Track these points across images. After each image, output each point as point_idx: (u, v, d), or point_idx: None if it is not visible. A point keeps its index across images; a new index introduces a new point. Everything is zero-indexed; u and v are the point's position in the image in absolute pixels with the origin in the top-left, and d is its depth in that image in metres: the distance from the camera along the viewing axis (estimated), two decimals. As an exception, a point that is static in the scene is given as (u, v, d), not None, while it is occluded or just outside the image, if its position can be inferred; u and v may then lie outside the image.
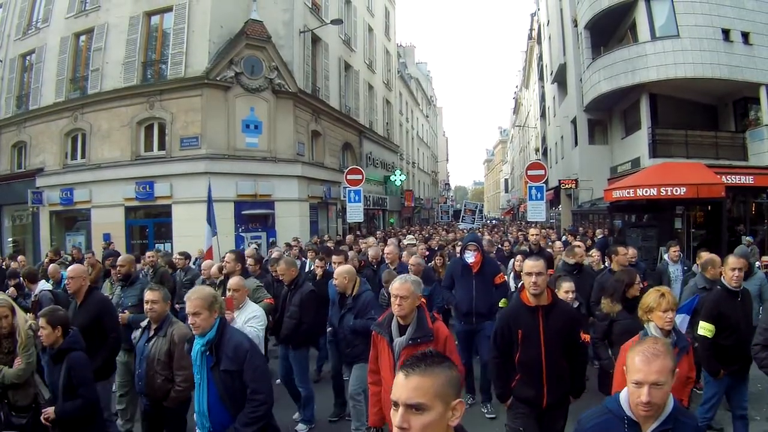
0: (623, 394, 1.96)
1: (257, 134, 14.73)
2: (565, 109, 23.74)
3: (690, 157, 14.12)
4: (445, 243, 11.24)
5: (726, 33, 13.93)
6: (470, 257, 5.46)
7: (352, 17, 22.24)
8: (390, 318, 3.24)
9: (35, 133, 16.65)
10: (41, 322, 3.39)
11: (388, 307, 4.78)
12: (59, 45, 16.14)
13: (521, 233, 15.41)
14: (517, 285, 6.17)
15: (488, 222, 34.32)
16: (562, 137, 25.35)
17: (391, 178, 27.13)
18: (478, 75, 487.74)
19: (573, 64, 20.84)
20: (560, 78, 24.37)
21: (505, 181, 68.34)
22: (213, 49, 13.99)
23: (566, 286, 4.37)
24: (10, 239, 17.97)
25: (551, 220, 27.13)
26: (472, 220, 18.48)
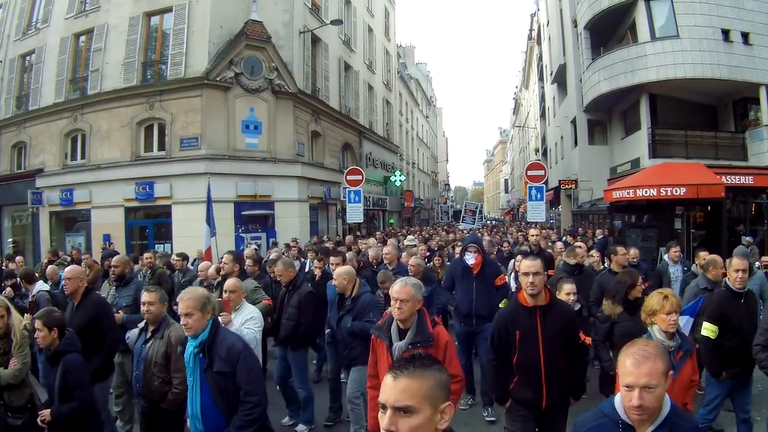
0: (618, 398, 1.92)
1: (257, 135, 14.73)
2: (565, 110, 23.75)
3: (690, 158, 14.13)
4: (444, 243, 11.23)
5: (726, 33, 13.93)
6: (470, 259, 5.43)
7: (351, 18, 22.24)
8: (390, 321, 3.18)
9: (35, 134, 16.65)
10: (37, 324, 3.37)
11: (384, 308, 4.81)
12: (59, 45, 16.14)
13: (521, 234, 15.40)
14: (518, 285, 6.15)
15: (488, 222, 34.31)
16: (561, 137, 25.35)
17: (391, 178, 27.13)
18: (477, 75, 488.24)
19: (573, 64, 20.85)
20: (560, 78, 24.38)
21: (505, 181, 68.33)
22: (213, 49, 13.98)
23: (567, 288, 4.33)
24: (9, 240, 17.96)
25: (551, 221, 27.12)
26: (473, 220, 18.46)
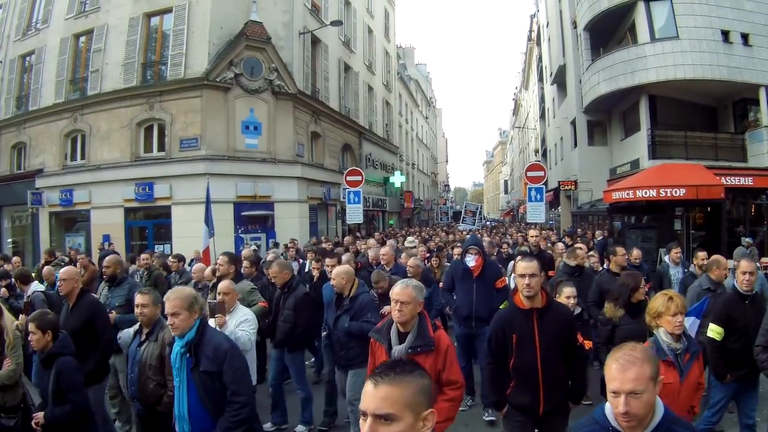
0: (608, 405, 1.86)
1: (257, 135, 14.73)
2: (565, 111, 23.76)
3: (689, 159, 14.14)
4: (443, 244, 11.22)
5: (725, 34, 13.95)
6: (471, 261, 5.39)
7: (351, 19, 22.25)
8: (389, 324, 3.09)
9: (35, 134, 16.64)
10: (31, 327, 3.34)
11: (378, 308, 4.78)
12: (59, 46, 16.14)
13: (520, 235, 15.39)
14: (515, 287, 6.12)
15: (487, 223, 34.27)
16: (561, 138, 25.36)
17: (390, 179, 27.14)
18: (477, 76, 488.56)
19: (572, 65, 20.86)
20: (560, 79, 24.39)
21: (505, 182, 68.36)
22: (213, 50, 13.99)
23: (568, 291, 4.24)
24: (9, 240, 17.94)
25: (551, 222, 27.12)
26: (473, 221, 18.35)
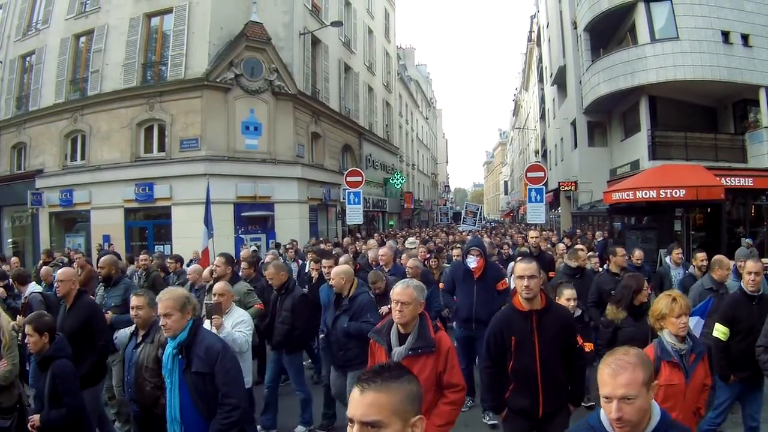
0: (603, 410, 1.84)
1: (257, 136, 14.73)
2: (565, 111, 23.77)
3: (689, 159, 14.14)
4: (443, 245, 11.21)
5: (725, 35, 13.95)
6: (472, 262, 5.35)
7: (351, 19, 22.26)
8: (389, 325, 3.03)
9: (35, 135, 16.64)
10: (28, 329, 3.33)
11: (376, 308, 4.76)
12: (59, 46, 16.15)
13: (519, 235, 15.36)
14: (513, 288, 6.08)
15: (487, 224, 34.25)
16: (561, 139, 25.36)
17: (390, 180, 27.15)
18: (477, 77, 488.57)
19: (572, 66, 20.86)
20: (560, 80, 24.39)
21: (505, 183, 68.38)
22: (213, 50, 13.99)
23: (568, 293, 4.20)
24: (9, 240, 17.95)
25: (550, 222, 27.11)
26: (473, 222, 18.27)
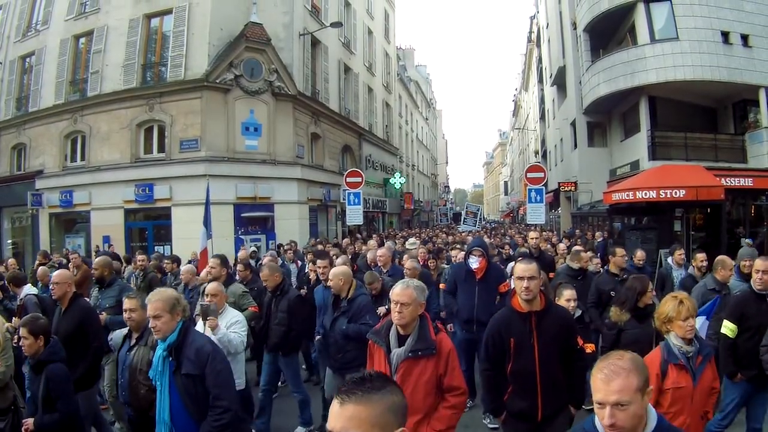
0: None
1: (257, 137, 14.73)
2: (565, 112, 23.77)
3: (689, 160, 14.14)
4: (443, 246, 11.20)
5: (725, 35, 13.95)
6: (474, 263, 5.30)
7: (351, 20, 22.27)
8: (388, 326, 2.97)
9: (35, 135, 16.64)
10: (22, 332, 3.31)
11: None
12: (59, 47, 16.14)
13: (519, 236, 15.35)
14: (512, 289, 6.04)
15: (487, 225, 34.22)
16: (561, 140, 25.36)
17: (390, 180, 27.14)
18: (477, 77, 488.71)
19: (572, 66, 20.86)
20: (559, 80, 24.40)
21: (505, 183, 68.39)
22: (213, 51, 13.99)
23: (567, 294, 4.15)
24: (9, 241, 17.95)
25: (550, 223, 27.10)
26: (474, 222, 18.22)
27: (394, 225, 28.13)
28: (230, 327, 4.04)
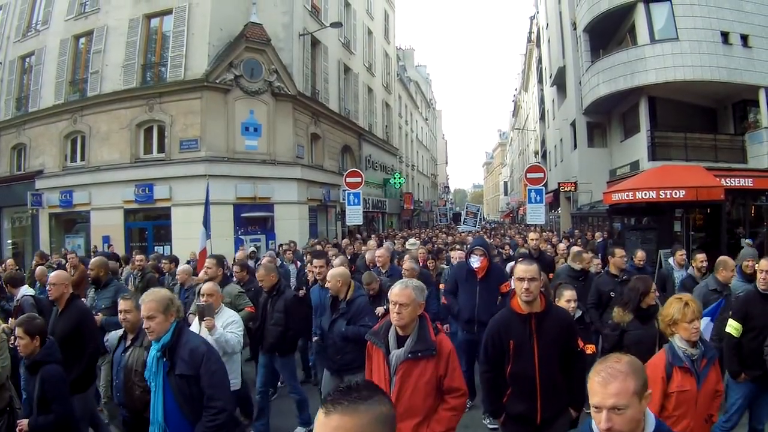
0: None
1: (257, 137, 14.73)
2: (564, 112, 23.77)
3: (689, 160, 14.14)
4: (443, 246, 11.19)
5: (725, 36, 13.95)
6: (476, 262, 5.25)
7: (351, 20, 22.27)
8: (387, 327, 2.92)
9: (35, 135, 16.64)
10: (18, 332, 3.30)
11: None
12: (59, 47, 16.15)
13: (518, 236, 15.35)
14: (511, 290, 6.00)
15: (487, 225, 34.21)
16: (561, 140, 25.36)
17: (390, 180, 27.15)
18: (477, 78, 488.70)
19: (572, 67, 20.86)
20: (559, 81, 24.40)
21: (505, 183, 68.41)
22: (212, 51, 13.99)
23: (568, 294, 4.08)
24: (9, 241, 17.96)
25: (550, 223, 27.09)
26: (474, 222, 18.18)
27: (394, 225, 28.14)
28: (227, 327, 4.03)
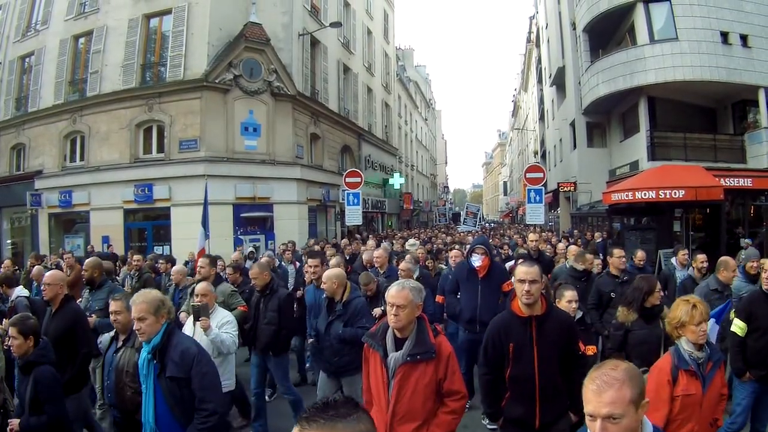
0: None
1: (256, 137, 14.72)
2: (564, 112, 23.77)
3: (689, 160, 14.14)
4: (443, 246, 11.19)
5: (724, 36, 13.95)
6: (477, 261, 5.21)
7: (351, 20, 22.27)
8: (384, 329, 2.85)
9: (34, 135, 16.63)
10: (12, 332, 3.27)
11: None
12: (58, 47, 16.13)
13: (518, 236, 15.36)
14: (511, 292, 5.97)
15: (486, 225, 34.19)
16: (560, 140, 25.37)
17: (389, 180, 27.14)
18: (476, 78, 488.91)
19: (571, 67, 20.87)
20: (559, 81, 24.41)
21: (504, 183, 68.35)
22: (212, 51, 13.98)
23: (569, 294, 4.01)
24: (9, 241, 17.95)
25: (550, 223, 27.11)
26: (474, 222, 18.13)
27: (393, 225, 28.14)
28: (221, 327, 4.01)
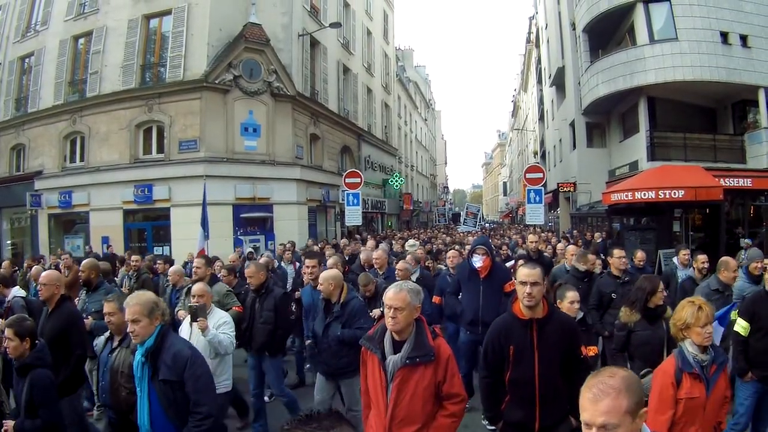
0: None
1: (256, 137, 14.73)
2: (564, 113, 23.77)
3: (688, 160, 14.13)
4: (443, 247, 11.19)
5: (724, 36, 13.94)
6: (478, 261, 5.17)
7: (350, 21, 22.27)
8: (382, 331, 2.82)
9: (34, 136, 16.63)
10: (8, 333, 3.25)
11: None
12: (58, 48, 16.14)
13: (518, 237, 15.36)
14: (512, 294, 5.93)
15: (486, 225, 34.19)
16: (560, 140, 25.36)
17: (389, 181, 27.15)
18: (476, 78, 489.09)
19: (571, 67, 20.86)
20: (558, 81, 24.40)
21: (504, 184, 68.38)
22: (212, 52, 13.99)
23: (571, 295, 3.94)
24: (8, 242, 17.95)
25: (549, 224, 27.11)
26: (474, 223, 18.12)
27: (393, 226, 28.14)
28: (219, 328, 4.00)
